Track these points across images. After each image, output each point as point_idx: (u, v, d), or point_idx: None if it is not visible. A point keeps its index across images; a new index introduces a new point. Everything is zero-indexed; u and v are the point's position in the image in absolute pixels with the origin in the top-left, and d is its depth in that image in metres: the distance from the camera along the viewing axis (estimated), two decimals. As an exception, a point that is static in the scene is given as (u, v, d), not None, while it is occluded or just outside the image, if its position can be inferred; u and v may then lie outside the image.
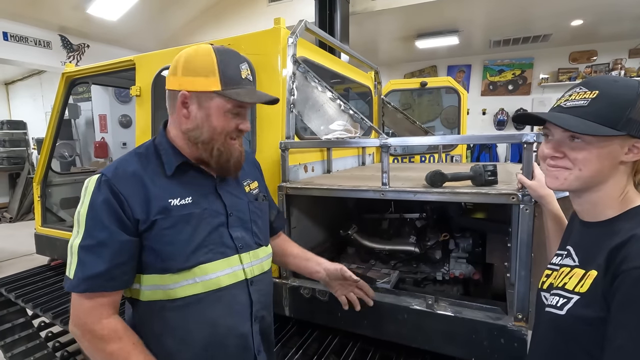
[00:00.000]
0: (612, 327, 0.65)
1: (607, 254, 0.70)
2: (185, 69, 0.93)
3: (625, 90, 0.72)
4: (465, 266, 1.78)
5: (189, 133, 0.96)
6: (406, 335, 1.38)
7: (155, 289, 0.94)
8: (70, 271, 0.86)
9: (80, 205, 0.90)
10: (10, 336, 2.49)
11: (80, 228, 0.87)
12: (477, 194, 1.22)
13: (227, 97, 0.93)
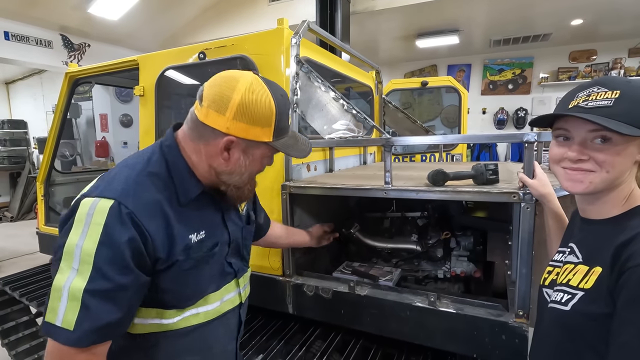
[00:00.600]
0: (618, 323, 0.66)
1: (613, 250, 0.70)
2: (240, 114, 0.81)
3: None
4: (467, 264, 1.80)
5: (221, 174, 0.88)
6: (408, 332, 1.40)
7: (150, 322, 0.86)
8: (65, 320, 0.69)
9: (79, 236, 0.73)
10: (14, 334, 2.51)
11: (84, 265, 0.71)
12: (479, 192, 1.24)
13: (275, 148, 0.89)
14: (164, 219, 0.81)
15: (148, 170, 0.84)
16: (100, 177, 0.86)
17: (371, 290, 1.48)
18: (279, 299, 1.64)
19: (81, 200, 0.78)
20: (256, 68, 1.64)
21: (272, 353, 1.62)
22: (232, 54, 1.72)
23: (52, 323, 0.70)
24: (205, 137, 0.85)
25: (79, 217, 0.75)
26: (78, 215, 0.75)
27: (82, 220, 0.74)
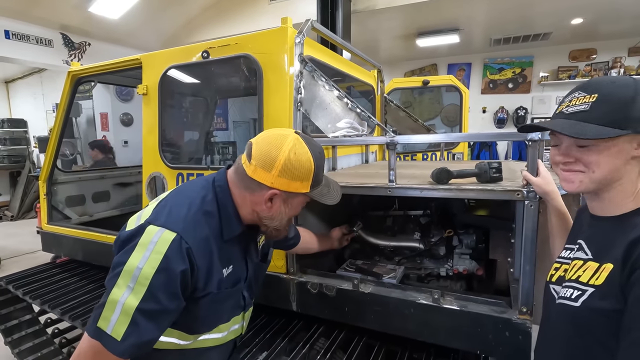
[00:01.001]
0: (629, 319, 0.67)
1: (625, 247, 0.71)
2: (284, 172, 0.93)
3: (623, 90, 0.74)
4: (469, 262, 1.81)
5: (264, 219, 1.00)
6: (412, 329, 1.41)
7: (170, 341, 0.98)
8: (115, 331, 0.78)
9: (139, 259, 0.81)
10: (18, 333, 2.52)
11: (140, 286, 0.79)
12: (482, 190, 1.25)
13: (312, 198, 1.01)
14: (209, 255, 0.93)
15: (204, 209, 0.95)
16: (158, 205, 0.96)
17: (375, 287, 1.49)
18: (283, 297, 1.65)
19: (147, 226, 0.87)
20: (260, 67, 1.65)
21: (276, 350, 1.63)
22: (235, 52, 1.72)
23: (103, 330, 0.80)
24: (252, 188, 0.96)
25: (143, 242, 0.84)
26: (143, 239, 0.85)
27: (144, 246, 0.84)
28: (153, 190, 2.06)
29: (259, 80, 1.65)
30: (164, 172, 2.00)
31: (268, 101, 1.64)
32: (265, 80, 1.65)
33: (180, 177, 1.95)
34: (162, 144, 2.02)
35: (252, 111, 4.43)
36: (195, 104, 2.79)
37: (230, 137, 6.92)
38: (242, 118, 7.06)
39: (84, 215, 3.02)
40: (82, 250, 2.46)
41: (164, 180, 2.01)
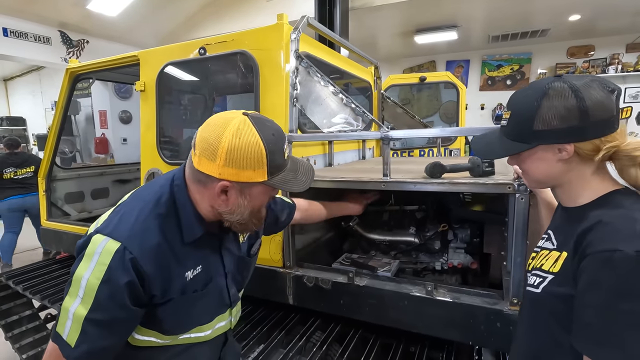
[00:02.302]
0: (579, 305, 0.71)
1: (575, 237, 0.75)
2: (229, 160, 0.82)
3: (526, 106, 0.79)
4: (464, 256, 1.83)
5: (223, 214, 0.91)
6: (407, 321, 1.43)
7: (149, 340, 0.96)
8: (69, 338, 0.79)
9: (86, 270, 0.79)
10: (18, 328, 2.54)
11: (87, 297, 0.79)
12: (474, 184, 1.27)
13: (273, 186, 0.89)
14: (164, 261, 0.87)
15: (157, 212, 0.88)
16: (113, 211, 0.91)
17: (370, 280, 1.51)
18: (279, 290, 1.67)
19: (94, 235, 0.84)
20: (256, 63, 1.66)
21: (272, 343, 1.65)
22: (232, 49, 1.74)
23: (60, 335, 0.81)
24: (203, 181, 0.88)
25: (89, 252, 0.82)
26: (88, 250, 0.82)
27: (90, 256, 0.81)
28: (151, 186, 2.08)
29: (255, 76, 1.67)
30: (162, 168, 2.02)
31: (264, 97, 1.66)
32: (262, 77, 1.66)
33: (178, 173, 1.97)
34: (159, 140, 2.03)
35: (249, 108, 4.45)
36: (193, 100, 2.81)
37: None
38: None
39: (83, 211, 3.04)
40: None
41: (162, 176, 2.03)
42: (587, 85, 0.74)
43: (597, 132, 0.74)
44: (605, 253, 0.68)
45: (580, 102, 0.73)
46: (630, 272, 0.65)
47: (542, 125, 0.77)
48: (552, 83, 0.77)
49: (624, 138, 0.76)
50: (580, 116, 0.73)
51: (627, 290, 0.65)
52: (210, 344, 1.09)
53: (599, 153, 0.75)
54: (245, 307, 1.96)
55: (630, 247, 0.66)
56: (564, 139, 0.76)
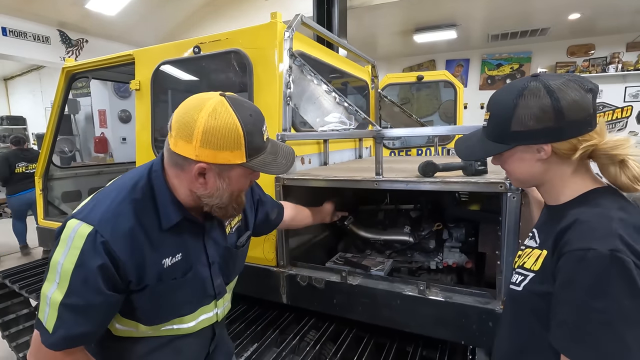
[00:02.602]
0: (556, 303, 0.72)
1: (555, 235, 0.75)
2: (205, 141, 0.80)
3: (504, 107, 0.79)
4: (459, 255, 1.83)
5: (202, 197, 0.89)
6: (399, 321, 1.43)
7: (130, 330, 0.94)
8: (47, 323, 0.79)
9: (61, 255, 0.80)
10: (15, 327, 2.55)
11: (63, 282, 0.78)
12: (467, 183, 1.26)
13: (251, 168, 0.88)
14: (138, 247, 0.85)
15: (132, 197, 0.87)
16: (92, 197, 0.90)
17: (363, 280, 1.51)
18: (273, 290, 1.67)
19: (69, 220, 0.84)
20: (250, 62, 1.66)
21: (266, 342, 1.65)
22: (226, 48, 1.73)
23: (41, 321, 0.81)
24: (180, 164, 0.86)
25: (64, 237, 0.82)
26: (63, 235, 0.82)
27: (65, 241, 0.81)
28: (146, 185, 2.08)
29: (249, 75, 1.67)
30: (157, 167, 2.02)
31: (258, 96, 1.66)
32: (256, 75, 1.66)
33: (173, 171, 1.97)
34: (155, 139, 2.03)
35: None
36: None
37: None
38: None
39: (80, 210, 3.05)
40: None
41: (157, 175, 2.03)
42: (563, 85, 0.74)
43: (573, 131, 0.74)
44: (579, 252, 0.68)
45: (554, 103, 0.73)
46: (603, 271, 0.65)
47: (518, 126, 0.77)
48: (528, 83, 0.77)
49: (602, 137, 0.76)
50: (555, 117, 0.73)
51: (600, 288, 0.65)
52: (197, 337, 1.06)
53: (576, 152, 0.75)
54: (240, 306, 1.96)
55: (604, 245, 0.66)
56: (540, 140, 0.76)
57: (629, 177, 0.75)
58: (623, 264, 0.64)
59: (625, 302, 0.64)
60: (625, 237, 0.67)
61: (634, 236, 0.68)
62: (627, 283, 0.64)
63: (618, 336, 0.64)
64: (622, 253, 0.65)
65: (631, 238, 0.67)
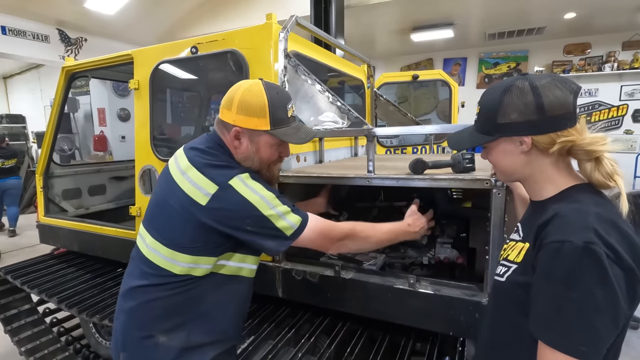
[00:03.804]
0: (534, 293, 0.76)
1: (536, 229, 0.80)
2: (240, 108, 1.06)
3: (491, 101, 0.85)
4: (450, 251, 1.87)
5: (241, 162, 1.11)
6: (391, 313, 1.47)
7: (244, 266, 1.17)
8: (285, 229, 1.05)
9: (255, 189, 1.04)
10: (17, 322, 2.59)
11: (271, 202, 1.04)
12: (454, 179, 1.31)
13: (275, 136, 1.08)
14: None
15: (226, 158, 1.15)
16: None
17: (355, 274, 1.56)
18: (269, 284, 1.72)
19: (232, 175, 1.06)
20: (246, 62, 1.70)
21: (262, 335, 1.70)
22: (223, 48, 1.77)
23: (281, 237, 1.07)
24: (224, 130, 1.11)
25: (242, 184, 1.06)
26: (240, 184, 1.05)
27: (244, 185, 1.05)
28: (145, 183, 2.13)
29: (245, 74, 1.71)
30: (156, 165, 2.06)
31: (254, 95, 1.70)
32: (251, 75, 1.70)
33: (171, 169, 2.01)
34: (153, 137, 2.07)
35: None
36: (185, 98, 2.85)
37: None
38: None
39: (80, 208, 3.09)
40: (78, 242, 2.52)
41: (156, 173, 2.07)
42: (547, 83, 0.79)
43: (553, 126, 0.79)
44: (556, 244, 0.72)
45: (537, 99, 0.78)
46: (577, 262, 0.69)
47: (503, 118, 0.82)
48: (515, 81, 0.82)
49: (581, 134, 0.80)
50: (537, 111, 0.78)
51: (574, 279, 0.69)
52: (251, 285, 1.28)
53: (554, 146, 0.79)
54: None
55: (579, 238, 0.70)
56: (522, 132, 0.81)
57: (602, 173, 0.79)
58: (596, 256, 0.68)
59: (596, 291, 0.68)
60: (600, 230, 0.70)
61: (608, 230, 0.71)
62: (599, 273, 0.68)
63: (589, 323, 0.68)
64: (595, 245, 0.69)
65: (605, 232, 0.71)
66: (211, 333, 1.13)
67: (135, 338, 1.09)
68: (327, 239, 1.15)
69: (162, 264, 1.06)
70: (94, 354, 2.62)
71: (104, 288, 2.31)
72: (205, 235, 1.04)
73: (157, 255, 1.07)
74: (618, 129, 6.05)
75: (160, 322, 1.07)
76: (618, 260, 0.69)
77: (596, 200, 0.79)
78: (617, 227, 0.73)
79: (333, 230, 1.16)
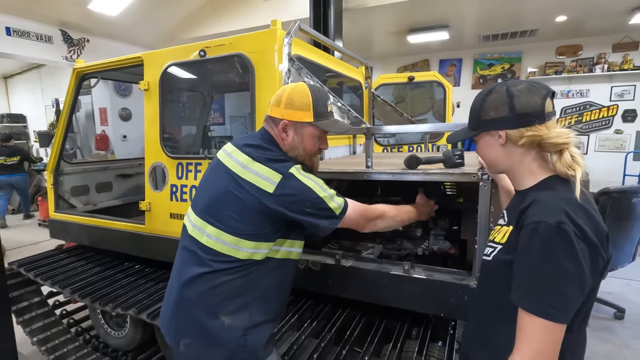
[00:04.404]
0: (515, 267, 0.88)
1: (518, 213, 0.92)
2: (287, 104, 1.22)
3: (477, 102, 1.01)
4: (443, 242, 2.00)
5: (287, 152, 1.26)
6: (387, 297, 1.60)
7: (293, 250, 1.30)
8: (335, 210, 1.19)
9: (308, 182, 1.18)
10: (28, 313, 2.69)
11: (324, 187, 1.20)
12: (444, 173, 1.44)
13: (317, 127, 1.24)
14: None
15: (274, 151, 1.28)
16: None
17: (355, 262, 1.68)
18: (273, 272, 1.83)
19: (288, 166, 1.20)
20: (252, 65, 1.82)
21: (267, 320, 1.82)
22: (230, 51, 1.89)
23: (334, 211, 1.21)
24: (272, 125, 1.27)
25: (299, 178, 1.19)
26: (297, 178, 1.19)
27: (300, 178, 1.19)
28: (155, 179, 2.24)
29: (251, 77, 1.83)
30: (165, 162, 2.18)
31: (259, 96, 1.82)
32: (257, 77, 1.82)
33: (180, 166, 2.13)
34: (162, 136, 2.19)
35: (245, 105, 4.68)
36: (193, 98, 2.96)
37: (227, 131, 7.10)
38: (238, 113, 7.23)
39: (88, 204, 3.19)
40: (89, 236, 2.63)
41: (165, 170, 2.19)
42: (521, 88, 0.93)
43: (522, 122, 0.93)
44: (533, 224, 0.85)
45: (510, 100, 0.93)
46: (549, 238, 0.82)
47: (485, 116, 0.98)
48: (496, 86, 0.98)
49: (549, 131, 0.93)
50: (509, 109, 0.94)
51: (548, 252, 0.82)
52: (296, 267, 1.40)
53: (522, 139, 0.94)
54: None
55: (552, 219, 0.83)
56: (498, 126, 0.96)
57: (563, 164, 0.92)
58: (566, 233, 0.81)
59: (566, 263, 0.80)
60: (570, 212, 0.83)
61: (577, 212, 0.84)
62: (569, 248, 0.81)
63: (559, 289, 0.81)
64: (566, 225, 0.81)
65: (574, 214, 0.83)
66: (268, 312, 1.26)
67: (201, 323, 1.19)
68: (364, 219, 1.30)
69: (227, 250, 1.17)
70: (103, 343, 2.73)
71: (114, 279, 2.41)
72: (269, 222, 1.17)
73: (220, 243, 1.18)
74: (608, 129, 6.20)
75: (226, 304, 1.18)
76: (584, 238, 0.82)
77: (568, 188, 0.92)
78: (584, 210, 0.86)
79: (368, 211, 1.32)
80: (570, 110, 6.39)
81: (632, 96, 6.01)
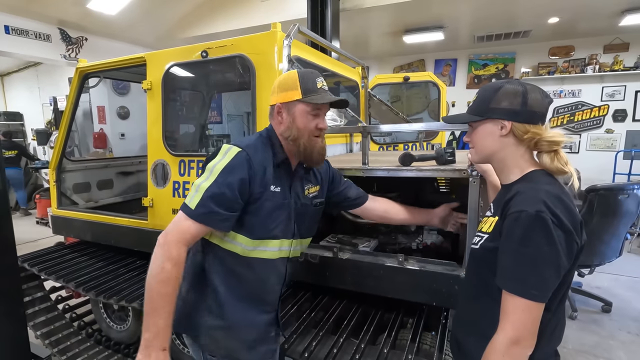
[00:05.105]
0: (500, 253, 0.97)
1: (503, 204, 1.01)
2: (278, 88, 1.27)
3: (489, 91, 1.06)
4: (436, 236, 2.09)
5: (283, 134, 1.28)
6: (382, 288, 1.68)
7: (237, 245, 1.26)
8: (192, 203, 1.15)
9: (217, 160, 1.19)
10: (31, 308, 2.75)
11: (212, 176, 1.16)
12: (436, 170, 1.52)
13: (306, 102, 1.25)
14: (263, 169, 1.24)
15: (261, 141, 1.30)
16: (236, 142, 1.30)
17: (352, 254, 1.76)
18: (273, 265, 1.91)
19: (223, 145, 1.25)
20: (253, 66, 1.89)
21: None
22: (231, 53, 1.96)
23: (186, 203, 1.16)
24: (272, 113, 1.31)
25: (222, 151, 1.22)
26: (221, 150, 1.23)
27: (222, 154, 1.21)
28: (157, 176, 2.30)
29: (252, 77, 1.90)
30: (167, 159, 2.24)
31: (260, 95, 1.89)
32: (258, 78, 1.89)
33: (182, 163, 2.19)
34: (165, 134, 2.25)
35: (246, 105, 4.70)
36: (195, 98, 3.02)
37: (225, 129, 7.17)
38: (236, 112, 7.30)
39: (90, 201, 3.25)
40: (92, 232, 2.69)
41: (167, 167, 2.25)
42: (534, 88, 1.03)
43: (529, 119, 1.01)
44: (515, 213, 0.94)
45: (524, 95, 1.01)
46: (529, 226, 0.91)
47: (495, 104, 1.04)
48: (513, 82, 1.05)
49: (546, 131, 1.02)
50: (522, 103, 1.00)
51: (528, 238, 0.91)
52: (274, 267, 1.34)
53: (527, 134, 1.02)
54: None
55: (532, 208, 0.92)
56: (506, 117, 1.02)
57: (561, 162, 1.01)
58: (544, 221, 0.90)
59: (544, 247, 0.90)
60: (548, 202, 0.92)
61: (555, 202, 0.93)
62: (546, 234, 0.90)
63: (538, 272, 0.90)
64: (544, 213, 0.90)
65: (552, 204, 0.92)
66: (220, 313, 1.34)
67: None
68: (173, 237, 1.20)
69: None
70: (106, 337, 2.79)
71: (117, 274, 2.48)
72: None
73: None
74: (599, 128, 6.33)
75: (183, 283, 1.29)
76: (560, 225, 0.91)
77: (548, 181, 1.01)
78: (561, 200, 0.95)
79: (183, 239, 1.23)
80: (563, 110, 6.51)
81: (623, 96, 6.14)
